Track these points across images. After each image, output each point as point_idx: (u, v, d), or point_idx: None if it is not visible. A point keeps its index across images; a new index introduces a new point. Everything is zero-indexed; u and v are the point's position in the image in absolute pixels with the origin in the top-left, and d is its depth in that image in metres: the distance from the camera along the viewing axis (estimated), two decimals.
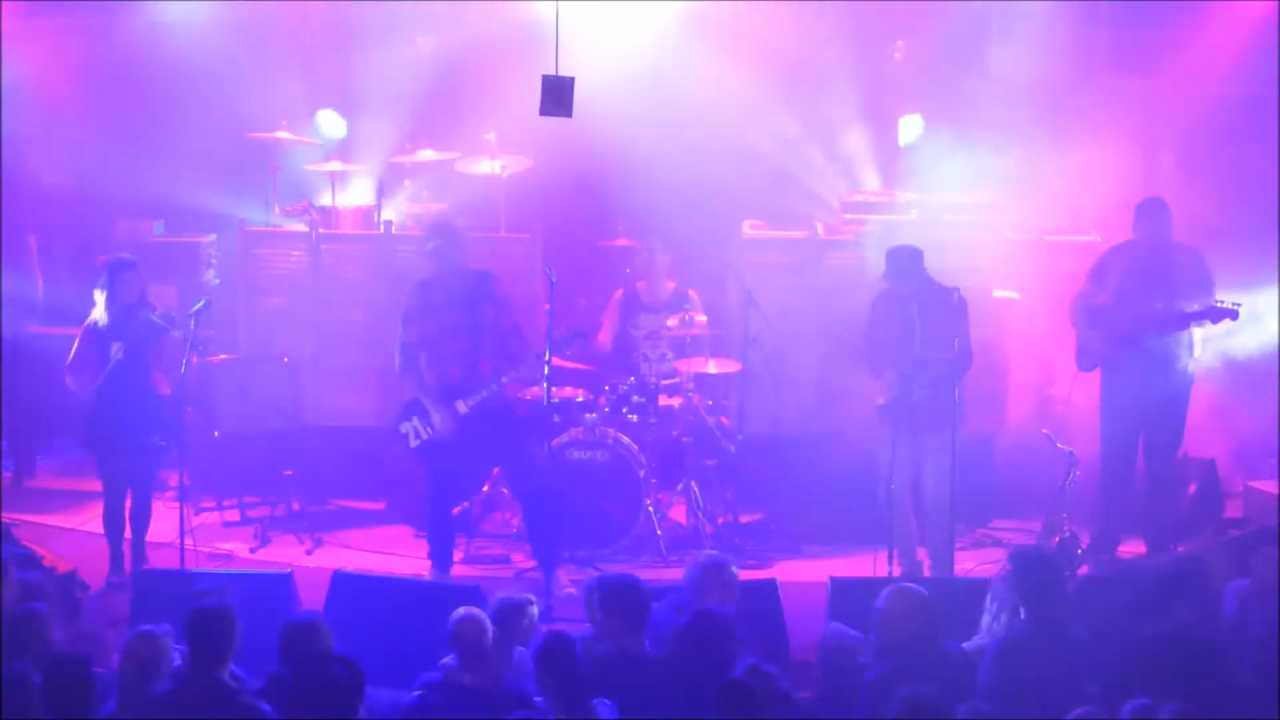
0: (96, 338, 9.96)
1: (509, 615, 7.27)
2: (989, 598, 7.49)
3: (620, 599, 7.21)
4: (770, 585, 8.71)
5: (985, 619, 7.47)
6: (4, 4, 12.23)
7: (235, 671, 6.68)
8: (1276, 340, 11.26)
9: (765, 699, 6.16)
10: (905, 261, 9.77)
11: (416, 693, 6.89)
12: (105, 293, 9.97)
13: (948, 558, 9.75)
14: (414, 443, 9.98)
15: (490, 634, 7.04)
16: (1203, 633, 7.07)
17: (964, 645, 7.38)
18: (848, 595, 8.28)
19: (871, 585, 8.27)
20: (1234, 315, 10.03)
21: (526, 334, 10.09)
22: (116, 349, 9.91)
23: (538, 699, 6.71)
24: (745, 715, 6.10)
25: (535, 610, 7.46)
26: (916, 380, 9.59)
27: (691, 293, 11.54)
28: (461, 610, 7.12)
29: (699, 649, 6.79)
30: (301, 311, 11.82)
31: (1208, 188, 11.52)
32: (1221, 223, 11.28)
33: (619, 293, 11.74)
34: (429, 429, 9.90)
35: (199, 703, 6.41)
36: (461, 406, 9.82)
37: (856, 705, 7.03)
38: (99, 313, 9.98)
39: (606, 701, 6.63)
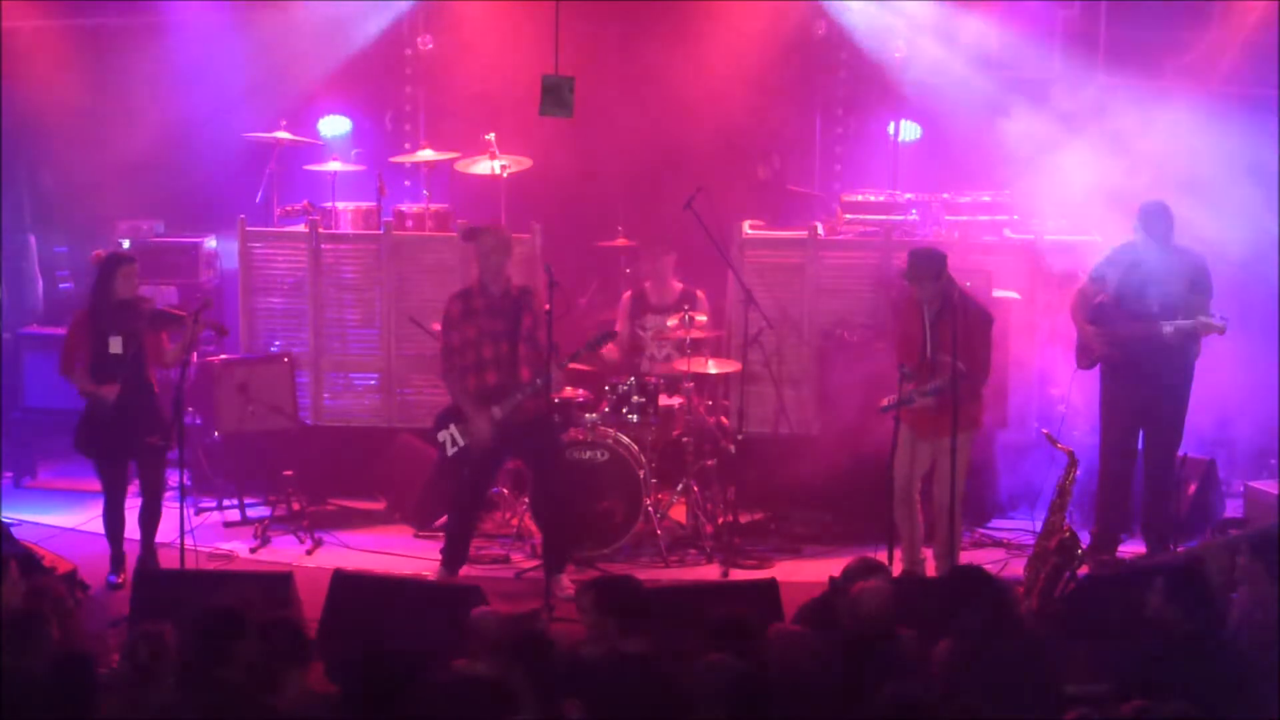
0: (93, 332, 9.94)
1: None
2: None
3: (615, 600, 7.20)
4: (770, 585, 8.70)
5: None
6: (4, 4, 12.24)
7: None
8: (1277, 339, 11.28)
9: None
10: (922, 264, 9.71)
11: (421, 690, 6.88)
12: (104, 286, 9.95)
13: (953, 558, 9.74)
14: (450, 450, 9.97)
15: (503, 628, 7.09)
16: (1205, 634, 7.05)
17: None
18: None
19: None
20: (1220, 331, 9.98)
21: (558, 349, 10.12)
22: (115, 343, 9.90)
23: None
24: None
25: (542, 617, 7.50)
26: (921, 386, 9.56)
27: (699, 294, 11.55)
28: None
29: None
30: (301, 311, 11.83)
31: (1208, 188, 11.51)
32: (1222, 224, 11.28)
33: (627, 295, 11.75)
34: (465, 437, 9.90)
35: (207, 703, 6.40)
36: (496, 412, 9.82)
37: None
38: (96, 305, 9.97)
39: (577, 703, 6.62)
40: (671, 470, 11.05)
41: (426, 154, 12.13)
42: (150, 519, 10.12)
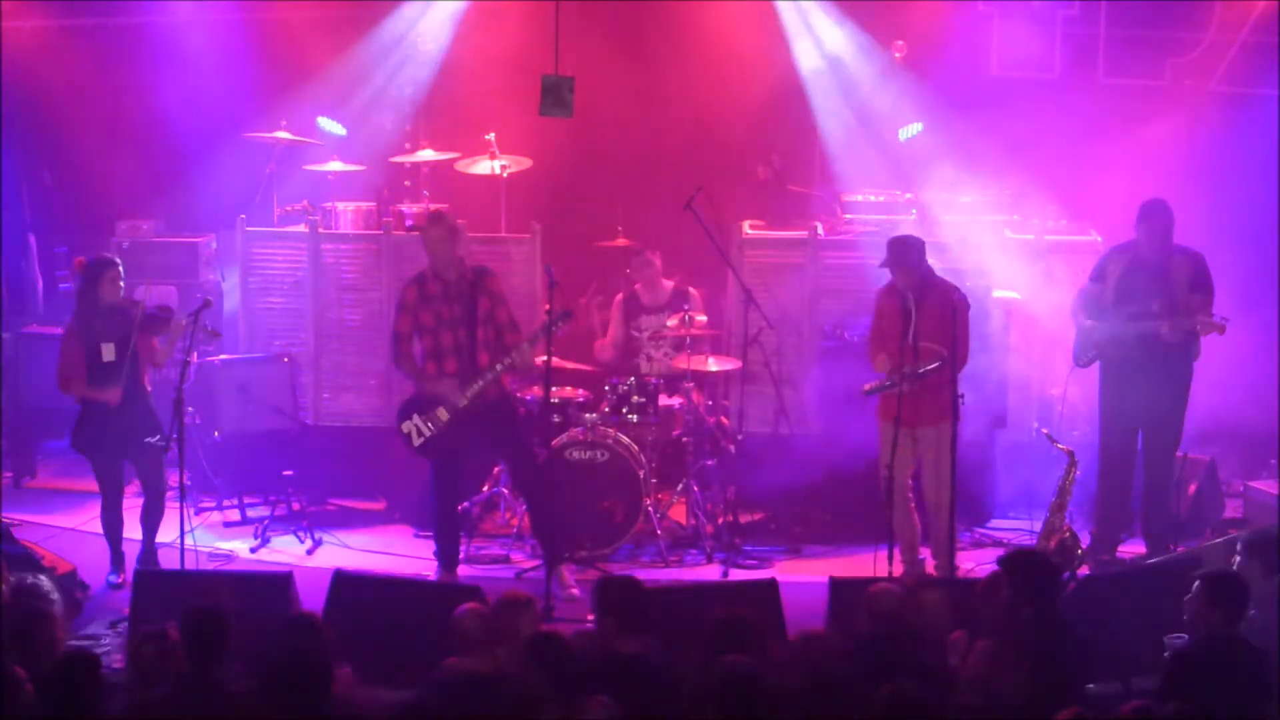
0: (84, 342, 9.93)
1: (514, 611, 7.33)
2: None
3: (615, 600, 7.22)
4: (770, 585, 8.70)
5: None
6: (4, 4, 12.24)
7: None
8: (1277, 339, 11.27)
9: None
10: (901, 251, 9.77)
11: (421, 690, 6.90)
12: (88, 293, 9.95)
13: (949, 556, 9.75)
14: (417, 441, 9.97)
15: (490, 625, 7.09)
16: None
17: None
18: (848, 595, 8.27)
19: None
20: (1220, 330, 9.98)
21: (522, 328, 10.09)
22: (108, 350, 9.89)
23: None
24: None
25: (535, 608, 7.51)
26: (903, 371, 9.59)
27: (693, 291, 11.55)
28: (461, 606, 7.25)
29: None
30: (301, 311, 11.83)
31: (1208, 188, 11.52)
32: (1222, 223, 11.29)
33: (619, 296, 11.76)
34: (430, 426, 9.90)
35: (199, 703, 6.41)
36: (461, 399, 9.82)
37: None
38: (82, 312, 9.97)
39: (605, 700, 6.63)
40: (671, 470, 11.06)
41: (426, 154, 12.13)
42: (151, 517, 10.13)
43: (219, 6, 12.72)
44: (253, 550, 10.79)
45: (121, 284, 10.04)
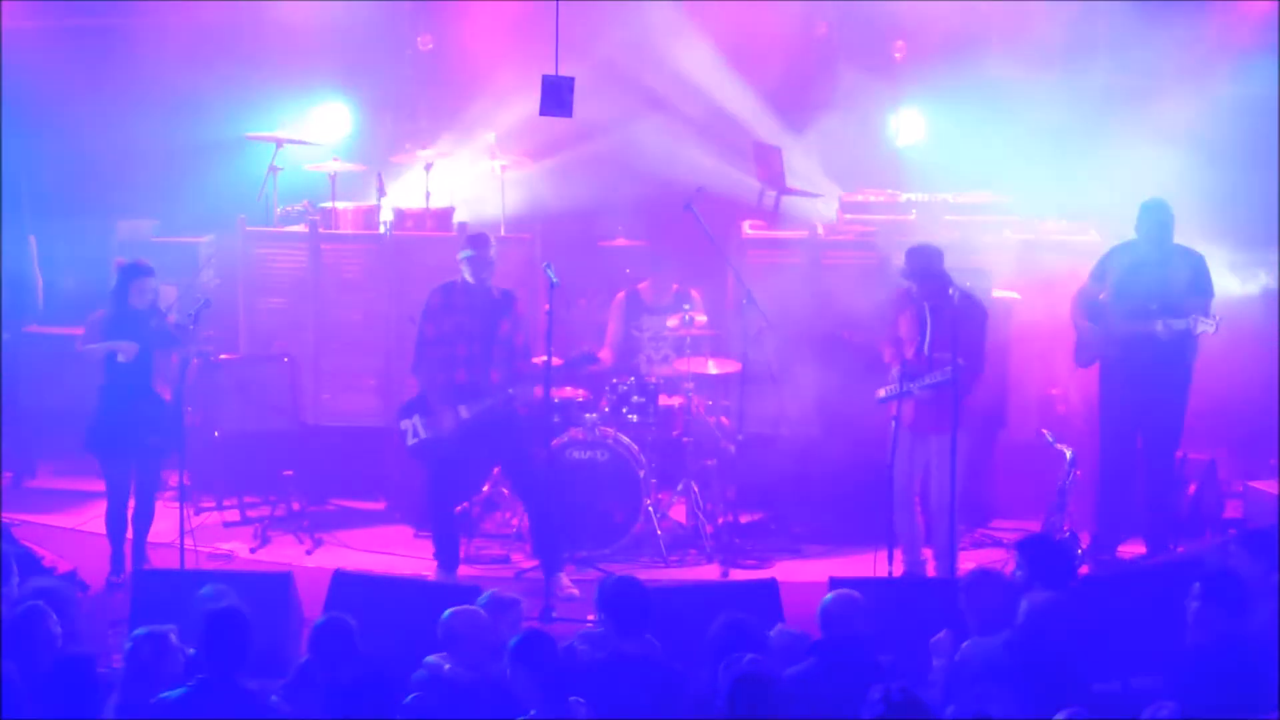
0: (103, 334, 9.96)
1: (498, 611, 7.34)
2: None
3: (615, 601, 7.22)
4: (770, 585, 8.71)
5: None
6: (4, 4, 12.24)
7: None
8: (1277, 337, 11.27)
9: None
10: (923, 261, 9.78)
11: (412, 695, 6.91)
12: (118, 295, 10.00)
13: (951, 559, 9.75)
14: (411, 441, 10.01)
15: (485, 629, 7.09)
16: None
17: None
18: None
19: (872, 585, 8.30)
20: (1212, 329, 9.98)
21: (532, 358, 10.14)
22: (120, 352, 9.92)
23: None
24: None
25: (522, 608, 7.53)
26: (919, 379, 9.60)
27: (694, 293, 11.55)
28: (453, 609, 7.24)
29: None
30: (301, 311, 11.82)
31: (1208, 187, 11.51)
32: (1221, 223, 11.28)
33: (620, 295, 11.74)
34: (427, 430, 9.92)
35: (217, 706, 6.41)
36: (464, 411, 9.83)
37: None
38: (109, 311, 10.01)
39: (581, 700, 6.64)
40: (671, 470, 11.05)
41: (427, 154, 12.13)
42: (143, 519, 10.14)
43: (219, 6, 12.71)
44: (253, 550, 10.79)
45: (152, 291, 10.07)
